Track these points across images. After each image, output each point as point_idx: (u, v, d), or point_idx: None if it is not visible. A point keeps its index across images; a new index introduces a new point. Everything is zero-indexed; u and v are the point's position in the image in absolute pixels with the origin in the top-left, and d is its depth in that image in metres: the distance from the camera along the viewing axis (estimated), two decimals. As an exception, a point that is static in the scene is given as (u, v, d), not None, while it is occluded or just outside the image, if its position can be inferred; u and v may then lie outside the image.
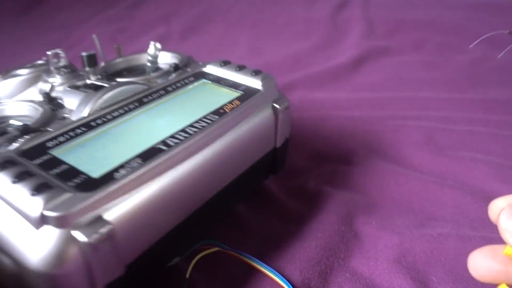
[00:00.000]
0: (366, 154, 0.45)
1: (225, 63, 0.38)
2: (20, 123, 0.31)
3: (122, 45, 0.81)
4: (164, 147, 0.26)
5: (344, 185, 0.40)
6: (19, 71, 0.37)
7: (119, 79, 0.35)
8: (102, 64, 0.42)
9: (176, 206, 0.26)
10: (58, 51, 0.36)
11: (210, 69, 0.38)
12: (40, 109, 0.31)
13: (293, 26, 0.86)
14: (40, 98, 0.34)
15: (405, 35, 0.80)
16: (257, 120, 0.32)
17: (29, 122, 0.31)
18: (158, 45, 0.40)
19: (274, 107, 0.34)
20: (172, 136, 0.27)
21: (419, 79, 0.64)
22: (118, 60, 0.43)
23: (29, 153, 0.25)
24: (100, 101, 0.31)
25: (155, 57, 0.40)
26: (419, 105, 0.55)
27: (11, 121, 0.33)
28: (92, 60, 0.40)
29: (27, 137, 0.27)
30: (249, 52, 0.77)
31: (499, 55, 0.22)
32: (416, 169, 0.42)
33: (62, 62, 0.37)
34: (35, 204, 0.21)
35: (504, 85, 0.61)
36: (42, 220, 0.21)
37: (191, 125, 0.28)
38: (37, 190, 0.21)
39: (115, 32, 0.86)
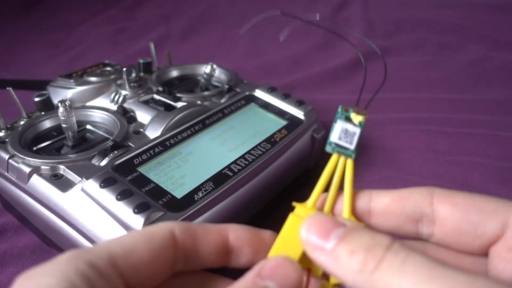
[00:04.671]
0: (365, 161, 0.45)
1: (272, 90, 0.42)
2: (98, 131, 0.36)
3: (122, 45, 0.81)
4: (229, 173, 0.31)
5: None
6: (91, 79, 0.41)
7: (184, 97, 0.40)
8: (155, 69, 0.46)
9: (235, 219, 0.31)
10: (131, 67, 0.40)
11: (259, 93, 0.42)
12: (117, 122, 0.35)
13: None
14: (110, 105, 0.39)
15: (405, 35, 0.79)
16: (299, 147, 0.38)
17: (103, 129, 0.36)
18: (214, 66, 0.43)
19: (312, 136, 0.39)
20: (235, 162, 0.32)
21: (419, 80, 0.64)
22: (170, 68, 0.47)
23: (120, 169, 0.29)
24: (172, 121, 0.35)
25: (210, 76, 0.43)
26: (419, 107, 0.55)
27: (88, 126, 0.37)
28: (148, 67, 0.45)
29: (115, 152, 0.31)
30: (249, 52, 0.76)
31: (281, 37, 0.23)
32: (415, 174, 0.42)
33: (133, 76, 0.40)
34: (137, 221, 0.25)
35: (504, 85, 0.61)
36: None
37: (249, 152, 0.34)
38: (138, 208, 0.26)
39: (115, 32, 0.86)
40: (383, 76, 0.72)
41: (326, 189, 0.20)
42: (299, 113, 0.40)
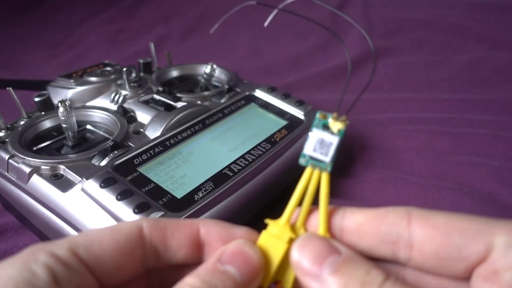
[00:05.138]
0: (365, 161, 0.45)
1: (272, 89, 0.42)
2: (98, 131, 0.36)
3: (122, 45, 0.81)
4: (229, 173, 0.31)
5: (341, 193, 0.40)
6: (91, 79, 0.41)
7: (184, 97, 0.40)
8: (155, 69, 0.46)
9: (235, 219, 0.30)
10: (131, 67, 0.39)
11: (259, 93, 0.42)
12: (118, 122, 0.35)
13: (293, 26, 0.86)
14: (111, 105, 0.39)
15: (405, 35, 0.79)
16: (298, 147, 0.37)
17: (103, 129, 0.36)
18: (214, 66, 0.43)
19: None
20: (235, 162, 0.32)
21: (419, 79, 0.64)
22: (170, 68, 0.47)
23: (121, 169, 0.30)
24: (172, 121, 0.35)
25: (210, 76, 0.43)
26: (419, 106, 0.55)
27: (88, 126, 0.37)
28: (148, 67, 0.45)
29: (115, 152, 0.31)
30: (249, 52, 0.76)
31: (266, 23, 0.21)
32: (414, 174, 0.42)
33: (133, 76, 0.40)
34: None
35: (504, 85, 0.61)
36: None
37: (249, 152, 0.34)
38: (138, 208, 0.26)
39: (115, 32, 0.86)
40: (383, 77, 0.72)
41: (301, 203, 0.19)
42: (299, 113, 0.40)
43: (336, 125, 0.18)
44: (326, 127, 0.18)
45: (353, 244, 0.18)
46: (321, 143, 0.18)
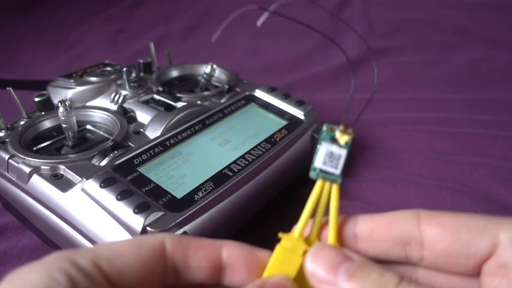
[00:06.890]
0: (365, 161, 0.45)
1: (272, 90, 0.42)
2: (98, 131, 0.36)
3: (122, 45, 0.81)
4: (229, 173, 0.31)
5: (341, 193, 0.40)
6: (91, 79, 0.41)
7: (184, 97, 0.40)
8: (155, 69, 0.46)
9: (235, 219, 0.31)
10: (131, 67, 0.39)
11: (259, 93, 0.42)
12: (118, 122, 0.35)
13: (293, 26, 0.86)
14: (111, 105, 0.39)
15: (405, 35, 0.79)
16: (299, 147, 0.37)
17: (103, 129, 0.36)
18: (214, 66, 0.43)
19: (312, 136, 0.39)
20: (235, 162, 0.32)
21: (419, 79, 0.64)
22: (170, 68, 0.47)
23: (121, 169, 0.30)
24: (172, 121, 0.35)
25: (210, 76, 0.43)
26: (419, 106, 0.55)
27: (88, 126, 0.37)
28: (148, 67, 0.45)
29: (115, 152, 0.31)
30: (249, 52, 0.76)
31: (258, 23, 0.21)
32: (414, 174, 0.42)
33: (133, 76, 0.39)
34: (137, 221, 0.25)
35: (504, 85, 0.61)
36: (143, 233, 0.25)
37: (249, 152, 0.34)
38: (138, 208, 0.26)
39: (115, 32, 0.86)
40: (383, 77, 0.72)
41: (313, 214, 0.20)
42: (299, 113, 0.40)
43: (343, 138, 0.19)
44: (333, 140, 0.19)
45: (368, 250, 0.19)
46: (330, 156, 0.19)
